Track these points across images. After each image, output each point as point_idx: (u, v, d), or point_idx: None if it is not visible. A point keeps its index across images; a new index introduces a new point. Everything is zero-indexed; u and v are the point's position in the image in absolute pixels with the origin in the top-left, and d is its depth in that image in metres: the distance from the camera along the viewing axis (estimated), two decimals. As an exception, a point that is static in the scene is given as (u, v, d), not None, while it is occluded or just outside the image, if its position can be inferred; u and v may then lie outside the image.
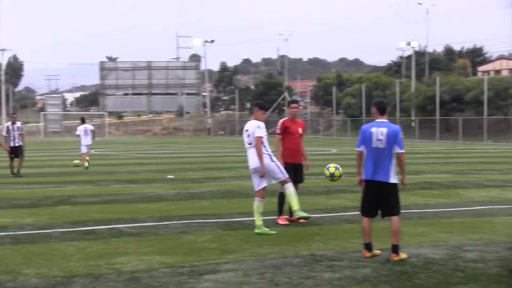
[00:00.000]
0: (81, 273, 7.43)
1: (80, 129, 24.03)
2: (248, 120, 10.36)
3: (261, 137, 9.88)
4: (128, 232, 10.13)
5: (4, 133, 20.17)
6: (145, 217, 11.66)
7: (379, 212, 8.20)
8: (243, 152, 10.15)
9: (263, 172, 9.82)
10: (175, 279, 7.20)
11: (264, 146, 9.91)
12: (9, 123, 20.29)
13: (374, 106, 8.30)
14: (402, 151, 8.06)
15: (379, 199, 8.10)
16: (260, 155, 9.82)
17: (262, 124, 10.03)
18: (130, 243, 9.23)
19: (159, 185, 17.22)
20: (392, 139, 8.00)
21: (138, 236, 9.76)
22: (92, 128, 24.81)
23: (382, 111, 8.25)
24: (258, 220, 9.91)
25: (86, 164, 22.96)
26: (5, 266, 7.72)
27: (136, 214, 12.02)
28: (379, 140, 8.03)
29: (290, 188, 10.12)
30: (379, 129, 8.06)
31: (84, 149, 23.59)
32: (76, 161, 23.36)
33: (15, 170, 19.71)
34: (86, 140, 23.76)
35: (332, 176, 10.86)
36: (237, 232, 10.13)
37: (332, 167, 10.86)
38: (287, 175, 10.16)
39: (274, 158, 10.11)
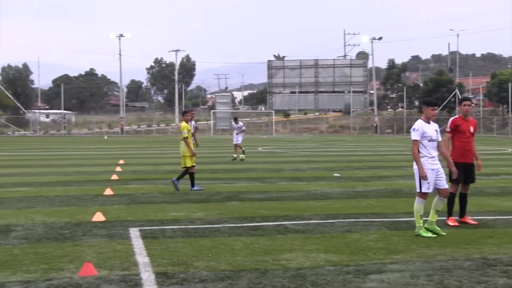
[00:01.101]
0: (248, 268, 7.55)
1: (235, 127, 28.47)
2: (418, 119, 9.94)
3: (415, 140, 9.49)
4: (294, 229, 10.16)
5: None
6: (311, 214, 11.65)
7: None
8: (410, 151, 9.78)
9: (422, 175, 9.42)
10: (340, 277, 7.07)
11: (426, 149, 9.47)
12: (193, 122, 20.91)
13: None
14: None
15: None
16: (415, 158, 9.47)
17: (417, 126, 9.60)
18: (296, 240, 9.25)
19: (325, 183, 17.18)
20: None
21: (303, 233, 9.76)
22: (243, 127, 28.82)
23: None
24: (418, 222, 9.52)
25: (235, 155, 26.90)
26: (177, 258, 8.05)
27: (302, 211, 12.05)
28: None
29: (438, 201, 9.74)
30: None
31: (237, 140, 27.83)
32: (242, 155, 26.52)
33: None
34: (237, 137, 28.03)
35: None
36: (404, 232, 9.79)
37: None
38: (446, 186, 9.67)
39: (437, 164, 9.56)
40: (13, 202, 13.44)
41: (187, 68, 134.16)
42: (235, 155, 27.26)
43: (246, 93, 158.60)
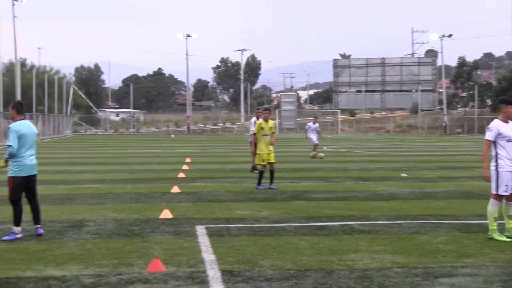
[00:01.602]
0: (313, 268, 7.52)
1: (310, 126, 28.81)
2: (495, 118, 9.54)
3: (488, 140, 9.20)
4: (360, 229, 10.06)
5: (252, 128, 20.63)
6: (377, 215, 11.51)
7: None
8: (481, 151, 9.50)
9: (484, 176, 9.20)
10: (408, 279, 6.96)
11: (505, 150, 9.13)
12: (254, 118, 20.92)
13: None
14: None
15: None
16: (483, 158, 9.26)
17: (493, 125, 9.27)
18: (362, 240, 9.15)
19: (392, 183, 16.93)
20: None
21: (370, 234, 9.65)
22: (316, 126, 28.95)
23: None
24: (492, 224, 9.21)
25: (313, 153, 27.41)
26: (243, 256, 8.10)
27: (368, 211, 11.92)
28: None
29: (507, 206, 9.32)
30: None
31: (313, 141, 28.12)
32: (321, 154, 27.44)
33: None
34: (313, 136, 28.29)
35: None
36: (476, 235, 9.54)
37: None
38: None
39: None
40: (86, 198, 13.84)
41: (253, 67, 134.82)
42: (320, 154, 27.51)
43: (311, 92, 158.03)
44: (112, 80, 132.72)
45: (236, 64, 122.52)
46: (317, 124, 29.08)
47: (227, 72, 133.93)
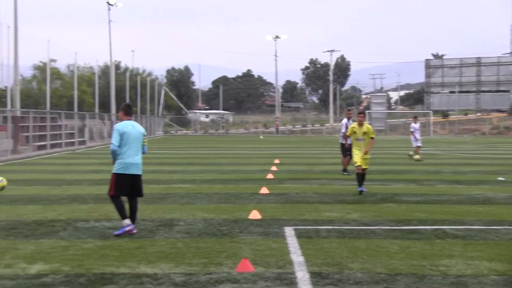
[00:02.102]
0: (404, 272, 7.34)
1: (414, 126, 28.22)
2: None
3: None
4: (454, 234, 9.73)
5: (343, 130, 20.36)
6: (472, 219, 11.11)
7: None
8: None
9: None
10: (505, 288, 6.66)
11: None
12: (345, 119, 20.69)
13: None
14: None
15: None
16: None
17: None
18: (456, 245, 8.85)
19: (488, 187, 16.30)
20: None
21: (464, 239, 9.31)
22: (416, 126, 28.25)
23: None
24: None
25: (417, 157, 26.80)
26: (332, 259, 8.01)
27: (462, 216, 11.53)
28: None
29: None
30: None
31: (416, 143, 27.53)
32: (417, 156, 26.94)
33: (348, 167, 20.06)
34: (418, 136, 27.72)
35: None
36: None
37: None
38: None
39: None
40: (176, 197, 14.13)
41: (342, 68, 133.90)
42: (416, 156, 27.09)
43: (402, 93, 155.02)
44: (202, 81, 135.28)
45: (325, 65, 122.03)
46: (419, 124, 28.74)
47: (316, 73, 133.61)
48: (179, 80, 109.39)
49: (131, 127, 9.84)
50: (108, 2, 53.03)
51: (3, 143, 27.66)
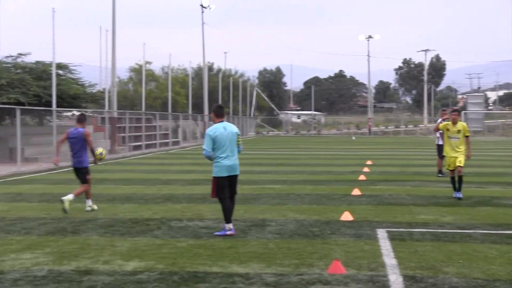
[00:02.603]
0: (503, 278, 7.08)
1: None
2: None
3: None
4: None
5: (437, 134, 19.86)
6: None
7: None
8: None
9: None
10: None
11: None
12: (440, 120, 20.02)
13: None
14: None
15: None
16: None
17: None
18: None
19: None
20: None
21: None
22: None
23: None
24: None
25: None
26: (426, 262, 7.83)
27: None
28: None
29: None
30: None
31: None
32: None
33: (443, 169, 19.35)
34: None
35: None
36: None
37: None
38: None
39: None
40: (268, 198, 14.24)
41: (437, 68, 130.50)
42: None
43: (501, 92, 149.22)
44: (294, 82, 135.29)
45: (419, 65, 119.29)
46: None
47: (410, 73, 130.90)
48: (271, 81, 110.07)
49: (223, 129, 9.87)
50: (201, 5, 54.06)
51: (101, 143, 28.81)
